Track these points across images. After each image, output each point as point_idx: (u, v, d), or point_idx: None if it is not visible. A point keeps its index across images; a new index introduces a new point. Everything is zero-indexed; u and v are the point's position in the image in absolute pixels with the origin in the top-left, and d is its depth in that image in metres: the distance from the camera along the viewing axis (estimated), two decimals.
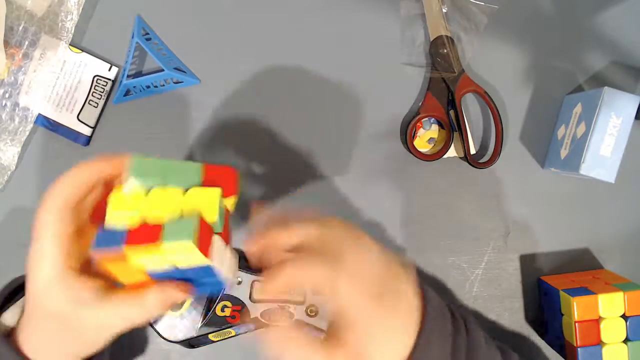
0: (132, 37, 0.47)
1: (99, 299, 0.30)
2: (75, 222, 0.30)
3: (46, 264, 0.29)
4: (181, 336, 0.45)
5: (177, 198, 0.29)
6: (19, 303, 0.35)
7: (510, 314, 0.49)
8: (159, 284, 0.30)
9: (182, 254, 0.27)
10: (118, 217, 0.28)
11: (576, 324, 0.43)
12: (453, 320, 0.34)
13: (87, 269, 0.31)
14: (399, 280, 0.32)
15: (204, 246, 0.28)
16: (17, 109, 0.47)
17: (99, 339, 0.32)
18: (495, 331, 0.49)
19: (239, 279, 0.43)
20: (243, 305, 0.44)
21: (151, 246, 0.27)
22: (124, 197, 0.29)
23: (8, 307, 0.35)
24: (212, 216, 0.29)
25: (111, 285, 0.31)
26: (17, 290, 0.36)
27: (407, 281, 0.33)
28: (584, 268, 0.49)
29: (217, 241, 0.29)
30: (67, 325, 0.31)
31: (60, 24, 0.47)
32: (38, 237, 0.30)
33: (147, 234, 0.27)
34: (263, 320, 0.44)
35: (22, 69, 0.47)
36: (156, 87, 0.48)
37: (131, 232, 0.27)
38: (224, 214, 0.31)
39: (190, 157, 0.49)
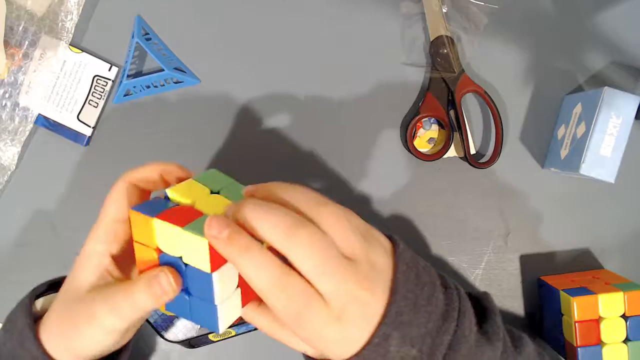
0: (132, 37, 0.47)
1: (107, 285, 0.31)
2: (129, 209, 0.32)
3: (96, 240, 0.32)
4: (181, 336, 0.45)
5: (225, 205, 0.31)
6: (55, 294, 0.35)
7: (510, 313, 0.49)
8: (149, 272, 0.30)
9: (194, 248, 0.28)
10: (175, 196, 0.31)
11: (576, 324, 0.43)
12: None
13: (121, 259, 0.33)
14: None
15: (216, 254, 0.28)
16: (17, 109, 0.47)
17: (90, 334, 0.31)
18: None
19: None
20: None
21: (173, 227, 0.28)
22: (192, 186, 0.32)
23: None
24: None
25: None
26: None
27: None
28: (584, 268, 0.49)
29: (231, 269, 0.30)
30: (75, 301, 0.31)
31: (60, 24, 0.47)
32: (100, 217, 0.32)
33: (179, 217, 0.29)
34: None
35: (22, 69, 0.47)
36: (156, 87, 0.48)
37: (171, 210, 0.29)
38: None
39: (190, 158, 0.49)
